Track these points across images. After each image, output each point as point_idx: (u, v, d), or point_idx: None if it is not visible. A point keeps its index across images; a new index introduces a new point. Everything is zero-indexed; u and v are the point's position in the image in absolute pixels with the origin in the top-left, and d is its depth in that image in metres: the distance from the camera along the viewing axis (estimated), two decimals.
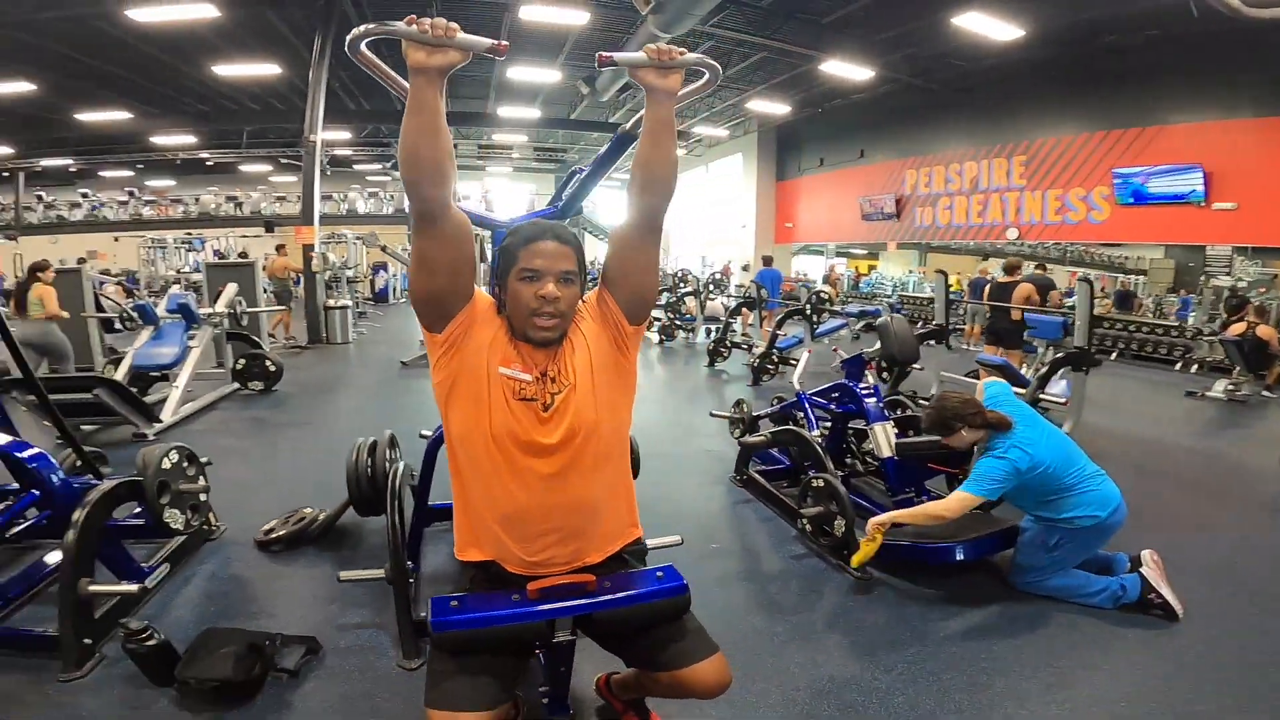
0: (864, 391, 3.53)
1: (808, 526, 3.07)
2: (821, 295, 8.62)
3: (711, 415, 4.85)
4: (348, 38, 1.14)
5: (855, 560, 2.67)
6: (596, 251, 25.68)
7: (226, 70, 11.82)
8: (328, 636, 2.26)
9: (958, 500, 2.54)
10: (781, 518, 3.46)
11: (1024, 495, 2.60)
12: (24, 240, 18.51)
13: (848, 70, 11.93)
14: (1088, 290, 4.93)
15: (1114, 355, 9.89)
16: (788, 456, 4.07)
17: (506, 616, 1.27)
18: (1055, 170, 12.49)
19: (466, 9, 10.74)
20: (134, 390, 5.14)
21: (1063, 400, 5.05)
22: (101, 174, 21.23)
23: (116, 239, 19.60)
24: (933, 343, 6.09)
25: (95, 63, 11.59)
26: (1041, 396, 4.95)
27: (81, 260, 9.90)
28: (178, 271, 13.79)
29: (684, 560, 2.84)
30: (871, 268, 21.73)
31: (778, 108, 15.59)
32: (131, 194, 20.21)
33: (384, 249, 9.64)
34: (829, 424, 3.88)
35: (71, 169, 19.99)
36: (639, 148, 1.37)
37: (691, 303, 10.88)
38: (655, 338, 10.61)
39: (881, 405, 3.50)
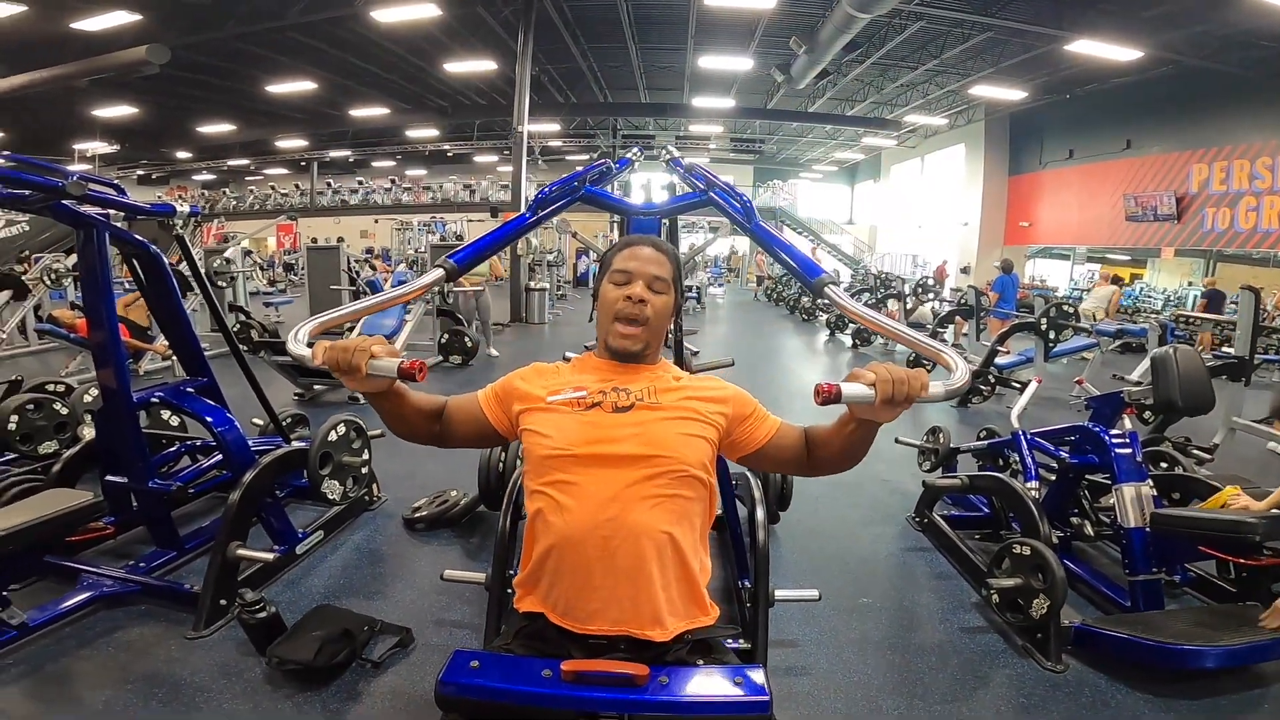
0: (1116, 441, 2.67)
1: (995, 597, 2.43)
2: (1064, 307, 7.19)
3: (897, 442, 4.05)
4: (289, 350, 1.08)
5: None
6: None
7: (454, 67, 13.13)
8: (423, 630, 2.21)
9: None
10: (963, 577, 2.81)
11: None
12: (314, 221, 22.45)
13: (1105, 51, 10.02)
14: None
15: None
16: (988, 504, 3.33)
17: (527, 695, 1.01)
18: None
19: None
20: None
21: None
22: (373, 164, 25.07)
23: (376, 221, 23.07)
24: (1225, 378, 4.72)
25: (359, 63, 13.44)
26: None
27: (340, 239, 11.63)
28: (415, 251, 15.69)
29: (821, 613, 2.41)
30: (1135, 277, 18.08)
31: (1010, 93, 13.61)
32: (393, 181, 23.71)
33: (575, 235, 10.00)
34: (1053, 472, 3.07)
35: (350, 159, 23.90)
36: (823, 447, 1.18)
37: (894, 307, 9.87)
38: (848, 341, 9.80)
39: (1140, 459, 2.64)
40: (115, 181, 2.52)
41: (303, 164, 23.64)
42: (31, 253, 10.82)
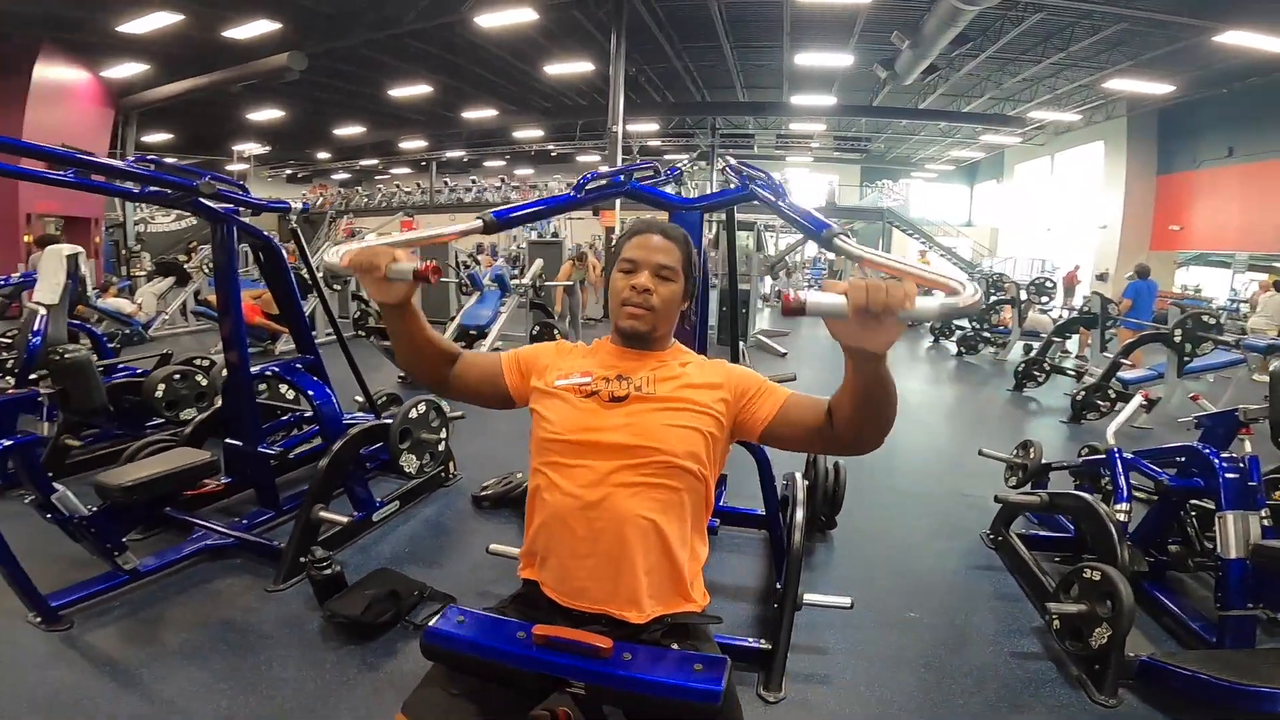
0: (1225, 465, 2.43)
1: (1056, 622, 2.26)
2: (1203, 317, 6.38)
3: (981, 454, 3.82)
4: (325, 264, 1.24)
5: None
6: (907, 250, 23.54)
7: (554, 69, 13.60)
8: (466, 599, 2.35)
9: None
10: (1030, 600, 2.64)
11: None
12: (431, 216, 23.96)
13: (1262, 43, 8.95)
14: None
15: None
16: (1076, 525, 3.10)
17: (495, 652, 1.10)
18: None
19: None
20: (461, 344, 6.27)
21: None
22: (485, 164, 26.44)
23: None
24: None
25: (468, 66, 14.17)
26: None
27: None
28: (517, 246, 16.39)
29: (860, 623, 2.35)
30: None
31: (1155, 88, 12.35)
32: (503, 180, 24.93)
33: None
34: (1154, 496, 2.81)
35: (465, 159, 25.38)
36: (838, 410, 1.09)
37: (1008, 313, 9.20)
38: (953, 348, 9.27)
39: (1257, 484, 2.38)
40: (241, 181, 2.88)
41: (423, 164, 25.39)
42: (197, 244, 12.28)
